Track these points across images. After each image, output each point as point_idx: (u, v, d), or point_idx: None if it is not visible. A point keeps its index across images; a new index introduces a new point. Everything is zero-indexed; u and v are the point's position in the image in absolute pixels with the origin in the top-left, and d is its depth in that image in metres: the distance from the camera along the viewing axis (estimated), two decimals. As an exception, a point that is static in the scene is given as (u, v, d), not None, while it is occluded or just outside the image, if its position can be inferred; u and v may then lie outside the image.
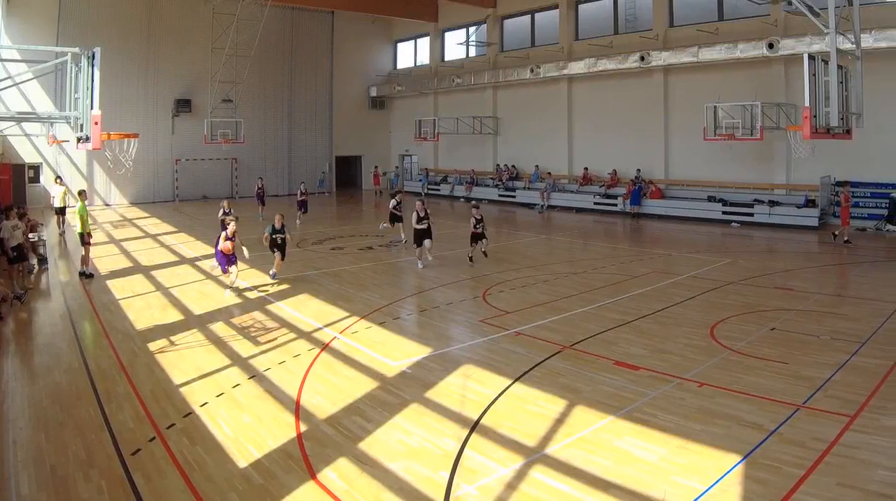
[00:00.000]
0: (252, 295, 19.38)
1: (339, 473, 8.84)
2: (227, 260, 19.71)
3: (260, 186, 37.50)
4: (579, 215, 39.70)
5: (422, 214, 22.92)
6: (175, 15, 46.69)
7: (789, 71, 32.11)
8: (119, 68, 42.15)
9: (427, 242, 23.03)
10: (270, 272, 21.22)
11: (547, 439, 9.76)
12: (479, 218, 23.24)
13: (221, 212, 26.18)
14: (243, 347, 14.41)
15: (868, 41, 26.59)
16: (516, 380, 12.11)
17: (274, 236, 21.02)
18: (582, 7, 43.93)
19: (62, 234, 30.47)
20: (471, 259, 23.58)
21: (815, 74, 20.17)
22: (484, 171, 50.19)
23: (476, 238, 23.46)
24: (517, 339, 14.80)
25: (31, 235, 22.33)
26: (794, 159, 30.65)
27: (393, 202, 28.68)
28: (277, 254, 21.09)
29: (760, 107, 30.02)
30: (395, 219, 28.33)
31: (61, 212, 31.03)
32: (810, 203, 31.81)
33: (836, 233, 27.28)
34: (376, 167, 55.29)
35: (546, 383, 11.96)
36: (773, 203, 33.00)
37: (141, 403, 11.18)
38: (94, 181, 44.77)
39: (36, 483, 8.56)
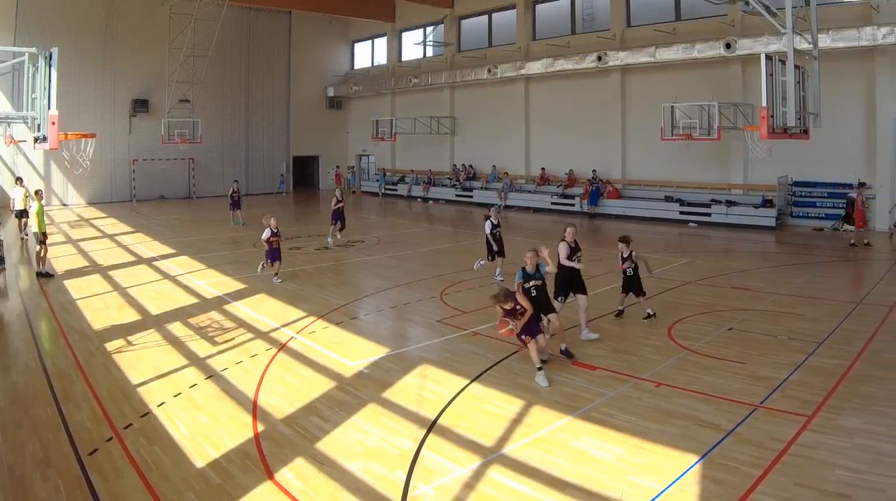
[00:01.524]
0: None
1: (296, 473, 8.82)
2: (528, 328, 12.13)
3: (235, 190, 35.59)
4: (537, 215, 39.77)
5: (573, 244, 14.64)
6: (133, 15, 46.22)
7: (746, 71, 32.31)
8: (76, 68, 41.89)
9: (582, 298, 14.53)
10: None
11: (504, 439, 9.76)
12: (627, 254, 15.96)
13: (269, 232, 20.53)
14: (201, 347, 14.36)
15: (825, 41, 26.82)
16: (474, 380, 12.10)
17: (528, 286, 12.95)
18: (539, 7, 44.01)
19: (23, 238, 29.55)
20: (621, 312, 16.33)
21: (772, 74, 20.22)
22: (441, 171, 50.21)
23: (631, 288, 15.98)
24: (474, 339, 14.79)
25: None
26: (751, 159, 30.83)
27: (490, 224, 20.66)
28: (546, 323, 13.03)
29: (718, 107, 30.20)
30: (496, 247, 20.70)
31: (22, 215, 29.90)
32: (767, 203, 32.01)
33: (854, 241, 26.28)
34: (337, 167, 55.66)
35: (503, 383, 11.96)
36: (730, 203, 33.20)
37: (98, 403, 11.10)
38: (52, 181, 44.36)
39: (-7, 483, 8.45)
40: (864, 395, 10.92)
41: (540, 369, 11.90)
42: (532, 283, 12.85)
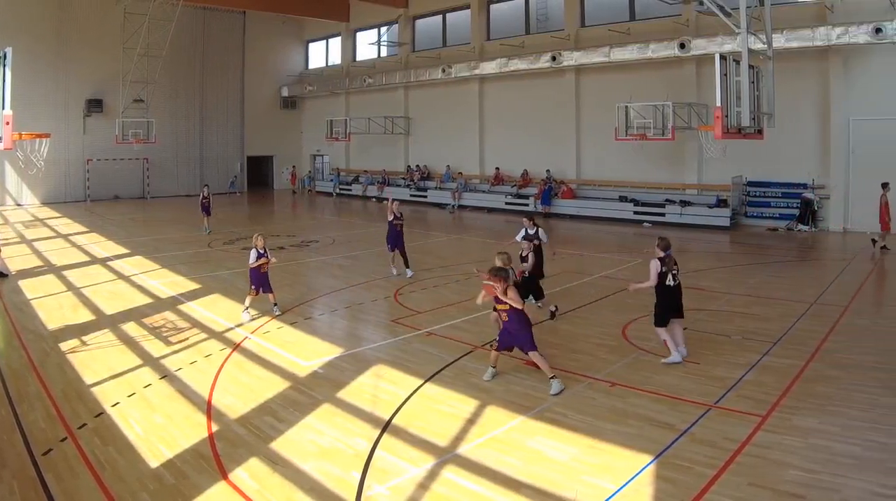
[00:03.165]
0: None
1: (250, 473, 8.79)
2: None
3: (205, 195, 31.94)
4: (491, 215, 39.75)
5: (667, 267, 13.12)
6: (86, 14, 45.72)
7: (701, 71, 32.46)
8: (30, 68, 41.27)
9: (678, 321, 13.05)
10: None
11: (458, 439, 9.74)
12: (533, 232, 15.77)
13: (255, 254, 16.83)
14: (155, 347, 14.27)
15: (780, 41, 26.96)
16: (428, 380, 12.05)
17: None
18: (493, 7, 43.97)
19: None
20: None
21: (726, 74, 20.23)
22: (396, 171, 50.01)
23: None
24: (429, 339, 14.74)
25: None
26: (705, 159, 31.05)
27: (524, 232, 17.49)
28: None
29: (672, 108, 30.31)
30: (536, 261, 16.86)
31: None
32: (722, 203, 32.15)
33: (876, 239, 24.89)
34: (294, 167, 56.17)
35: (457, 383, 11.92)
36: (684, 203, 33.34)
37: (52, 403, 11.03)
38: (6, 181, 44.11)
39: (-53, 484, 8.35)
40: (818, 395, 10.91)
41: (553, 377, 11.25)
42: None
